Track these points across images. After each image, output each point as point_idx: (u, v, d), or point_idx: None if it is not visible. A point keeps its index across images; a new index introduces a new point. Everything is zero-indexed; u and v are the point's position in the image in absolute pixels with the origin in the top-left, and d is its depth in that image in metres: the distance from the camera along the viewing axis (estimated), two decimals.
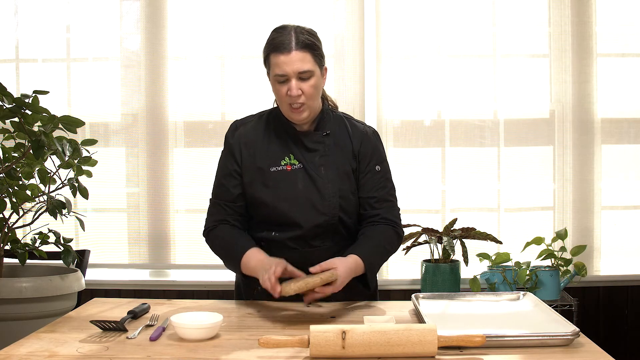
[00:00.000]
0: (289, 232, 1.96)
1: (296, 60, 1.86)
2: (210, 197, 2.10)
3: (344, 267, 1.82)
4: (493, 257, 2.96)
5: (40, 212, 2.65)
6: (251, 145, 2.01)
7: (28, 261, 2.67)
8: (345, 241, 1.99)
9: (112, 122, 3.37)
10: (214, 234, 2.05)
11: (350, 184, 2.00)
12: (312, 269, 1.80)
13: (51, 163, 2.58)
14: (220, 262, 3.57)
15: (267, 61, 1.94)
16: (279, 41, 1.89)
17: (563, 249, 2.92)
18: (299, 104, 1.90)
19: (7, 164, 2.51)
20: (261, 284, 1.79)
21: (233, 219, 2.04)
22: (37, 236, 2.70)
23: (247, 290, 2.09)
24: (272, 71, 1.91)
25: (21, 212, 2.64)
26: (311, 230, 1.95)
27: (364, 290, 2.01)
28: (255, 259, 1.90)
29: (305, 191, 1.96)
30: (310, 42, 1.90)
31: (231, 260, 1.99)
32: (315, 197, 1.95)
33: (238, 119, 2.11)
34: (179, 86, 3.35)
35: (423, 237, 2.92)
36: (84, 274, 2.74)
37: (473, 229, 2.90)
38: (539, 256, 2.93)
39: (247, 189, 2.01)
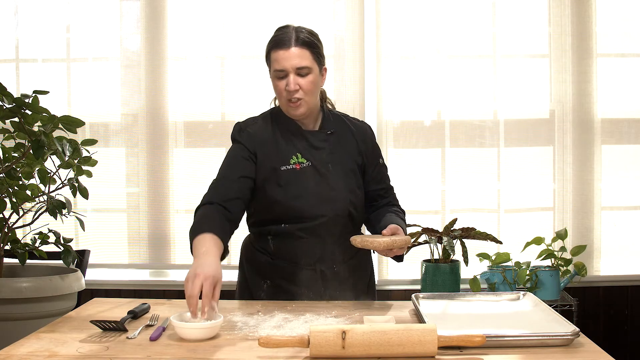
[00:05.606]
0: (299, 224, 2.00)
1: (295, 56, 1.95)
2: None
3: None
4: (493, 257, 2.96)
5: (40, 212, 2.65)
6: (265, 145, 2.03)
7: (28, 261, 2.67)
8: (352, 234, 2.00)
9: (112, 122, 3.37)
10: (197, 214, 1.89)
11: (357, 180, 2.08)
12: (383, 232, 1.90)
13: (51, 163, 2.58)
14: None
15: (268, 58, 2.02)
16: (280, 38, 1.97)
17: (563, 249, 2.92)
18: (297, 99, 1.97)
19: (7, 164, 2.51)
20: (187, 291, 1.59)
21: (223, 201, 1.89)
22: (37, 236, 2.70)
23: (255, 287, 2.10)
24: (272, 67, 1.99)
25: (21, 212, 2.64)
26: (322, 224, 2.00)
27: (364, 289, 2.12)
28: (202, 248, 1.69)
29: (316, 188, 2.01)
30: (309, 40, 1.98)
31: (190, 235, 1.80)
32: (327, 192, 2.01)
33: (240, 121, 2.12)
34: (179, 86, 3.35)
35: (423, 237, 2.91)
36: (84, 274, 2.74)
37: (473, 229, 2.89)
38: (539, 256, 2.93)
39: (260, 188, 2.01)
